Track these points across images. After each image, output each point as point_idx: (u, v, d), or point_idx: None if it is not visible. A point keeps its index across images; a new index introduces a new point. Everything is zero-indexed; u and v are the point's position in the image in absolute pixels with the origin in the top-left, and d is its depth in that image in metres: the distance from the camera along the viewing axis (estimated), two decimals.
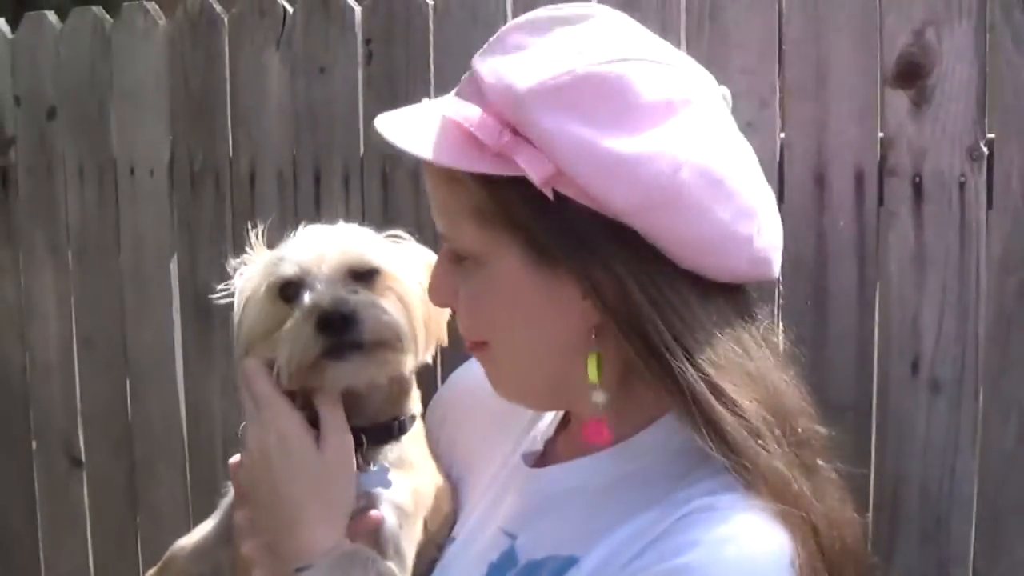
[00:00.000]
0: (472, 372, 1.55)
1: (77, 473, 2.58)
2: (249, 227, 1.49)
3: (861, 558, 1.20)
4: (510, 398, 1.33)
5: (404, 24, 1.98)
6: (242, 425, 1.37)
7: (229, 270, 1.48)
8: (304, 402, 1.35)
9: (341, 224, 1.44)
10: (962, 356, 1.57)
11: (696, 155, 1.14)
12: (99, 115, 2.42)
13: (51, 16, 2.50)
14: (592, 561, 1.16)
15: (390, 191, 2.02)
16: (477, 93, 1.18)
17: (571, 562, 1.18)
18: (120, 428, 2.48)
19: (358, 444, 1.35)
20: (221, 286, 1.46)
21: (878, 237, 1.61)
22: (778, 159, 1.66)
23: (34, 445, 2.65)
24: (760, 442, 1.12)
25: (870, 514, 1.63)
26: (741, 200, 1.18)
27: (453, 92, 1.25)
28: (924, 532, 1.60)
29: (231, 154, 2.24)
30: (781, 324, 1.68)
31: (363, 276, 1.35)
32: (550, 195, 1.12)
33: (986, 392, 1.57)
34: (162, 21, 2.31)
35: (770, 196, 1.26)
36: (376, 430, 1.38)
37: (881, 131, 1.60)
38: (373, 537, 1.32)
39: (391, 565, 1.31)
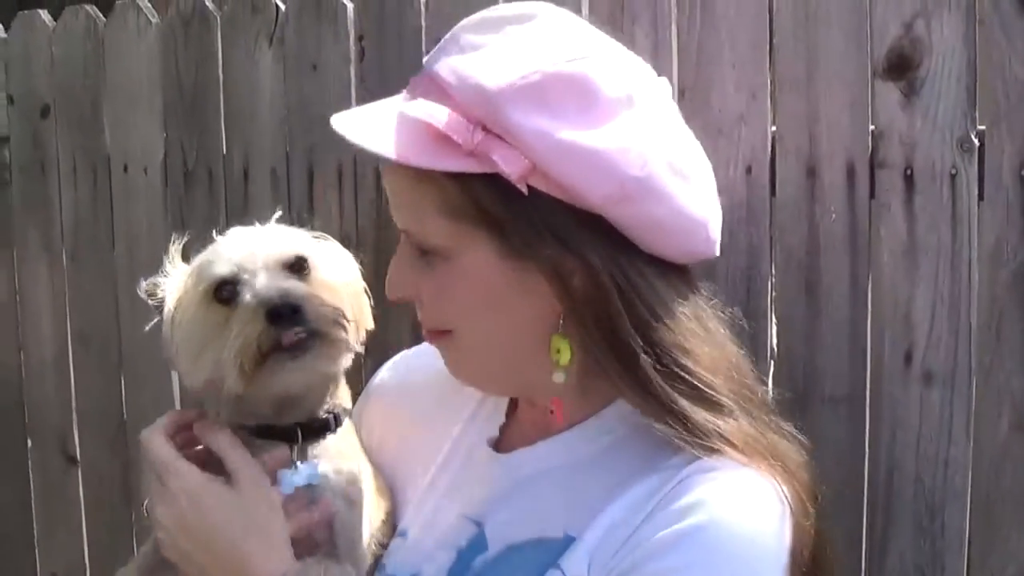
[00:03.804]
0: (399, 368, 1.59)
1: (72, 470, 2.58)
2: (175, 238, 1.46)
3: (816, 492, 1.26)
4: (468, 382, 1.36)
5: (396, 21, 1.98)
6: (145, 502, 1.33)
7: (142, 294, 1.43)
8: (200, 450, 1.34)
9: (258, 226, 1.41)
10: (955, 347, 1.58)
11: (659, 145, 1.19)
12: (92, 113, 2.42)
13: (44, 15, 2.49)
14: (593, 537, 1.18)
15: (383, 188, 2.01)
16: (438, 92, 1.20)
17: (568, 541, 1.20)
18: (115, 425, 2.48)
19: (292, 440, 1.35)
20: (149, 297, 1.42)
21: (870, 229, 1.61)
22: (769, 152, 1.66)
23: (29, 442, 2.65)
24: (725, 415, 1.18)
25: (864, 505, 1.64)
26: (698, 184, 1.24)
27: (404, 93, 1.26)
28: (918, 523, 1.61)
29: (224, 151, 2.24)
30: (774, 316, 1.70)
31: (295, 270, 1.33)
32: (525, 190, 1.16)
33: (979, 383, 1.57)
34: (155, 19, 2.31)
35: (712, 178, 1.30)
36: (312, 425, 1.37)
37: (872, 124, 1.60)
38: (328, 530, 1.32)
39: (348, 567, 1.31)
